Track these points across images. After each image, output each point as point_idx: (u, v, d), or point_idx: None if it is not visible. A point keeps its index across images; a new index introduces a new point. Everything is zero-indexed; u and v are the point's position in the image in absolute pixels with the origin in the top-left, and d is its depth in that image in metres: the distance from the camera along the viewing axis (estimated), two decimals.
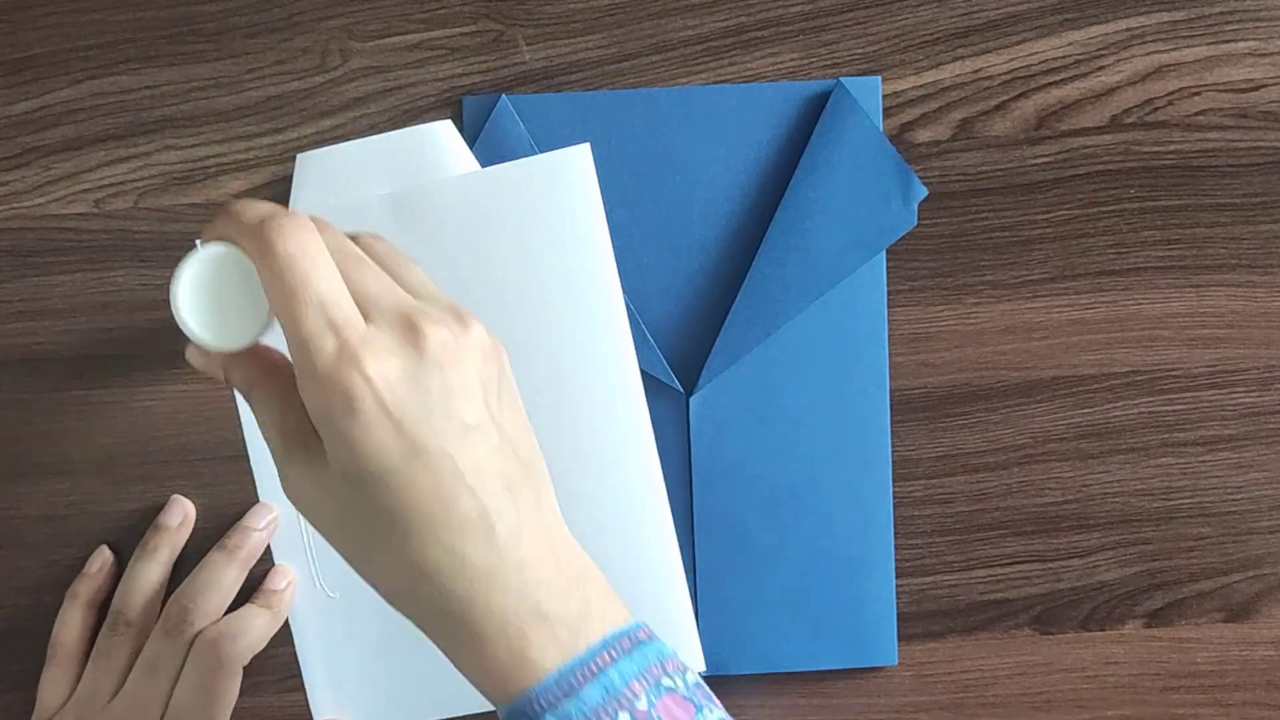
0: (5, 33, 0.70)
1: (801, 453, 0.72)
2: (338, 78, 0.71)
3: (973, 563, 0.73)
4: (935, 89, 0.71)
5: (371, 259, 0.55)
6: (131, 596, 0.70)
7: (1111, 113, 0.71)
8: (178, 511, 0.71)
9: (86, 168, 0.71)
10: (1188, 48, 0.71)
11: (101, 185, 0.71)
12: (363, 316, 0.52)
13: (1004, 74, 0.71)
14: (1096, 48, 0.71)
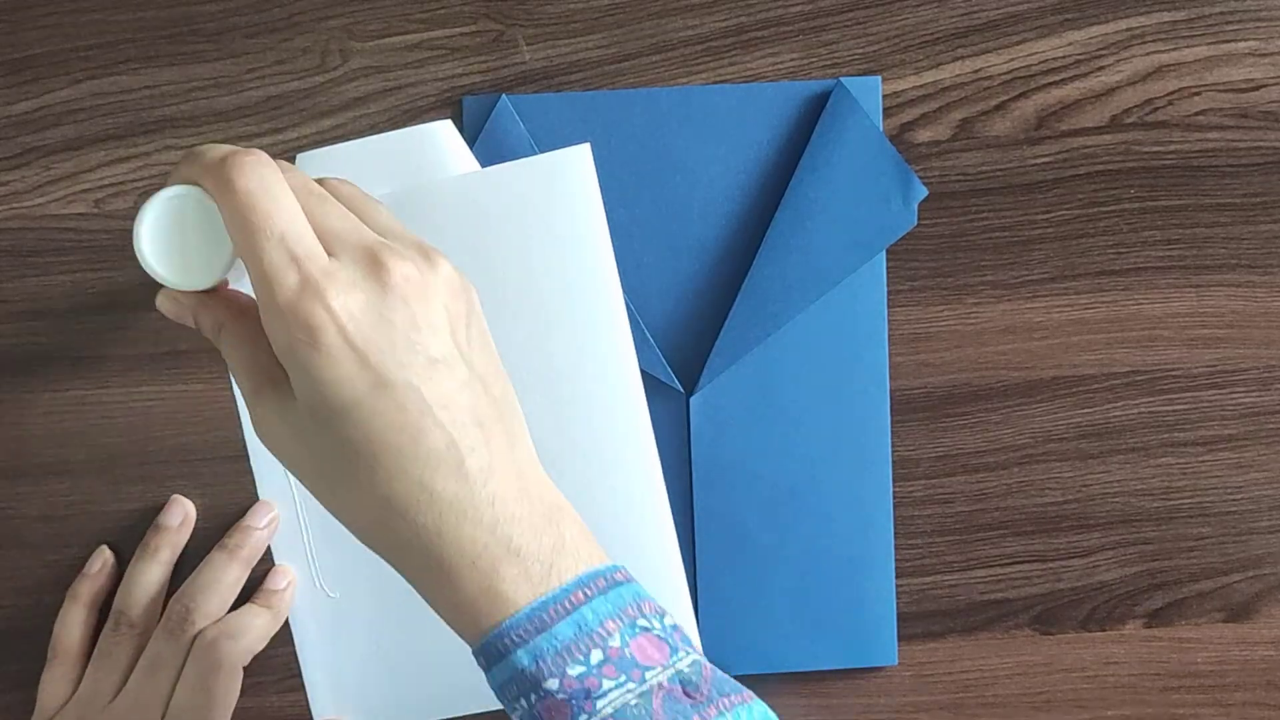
0: (5, 33, 0.70)
1: (801, 453, 0.72)
2: (338, 78, 0.71)
3: (973, 563, 0.73)
4: (935, 89, 0.71)
5: (338, 200, 0.55)
6: (133, 597, 0.70)
7: (1111, 113, 0.71)
8: (178, 511, 0.71)
9: (86, 168, 0.71)
10: (1188, 48, 0.71)
11: (101, 185, 0.71)
12: (326, 252, 0.52)
13: (1004, 74, 0.71)
14: (1096, 48, 0.71)
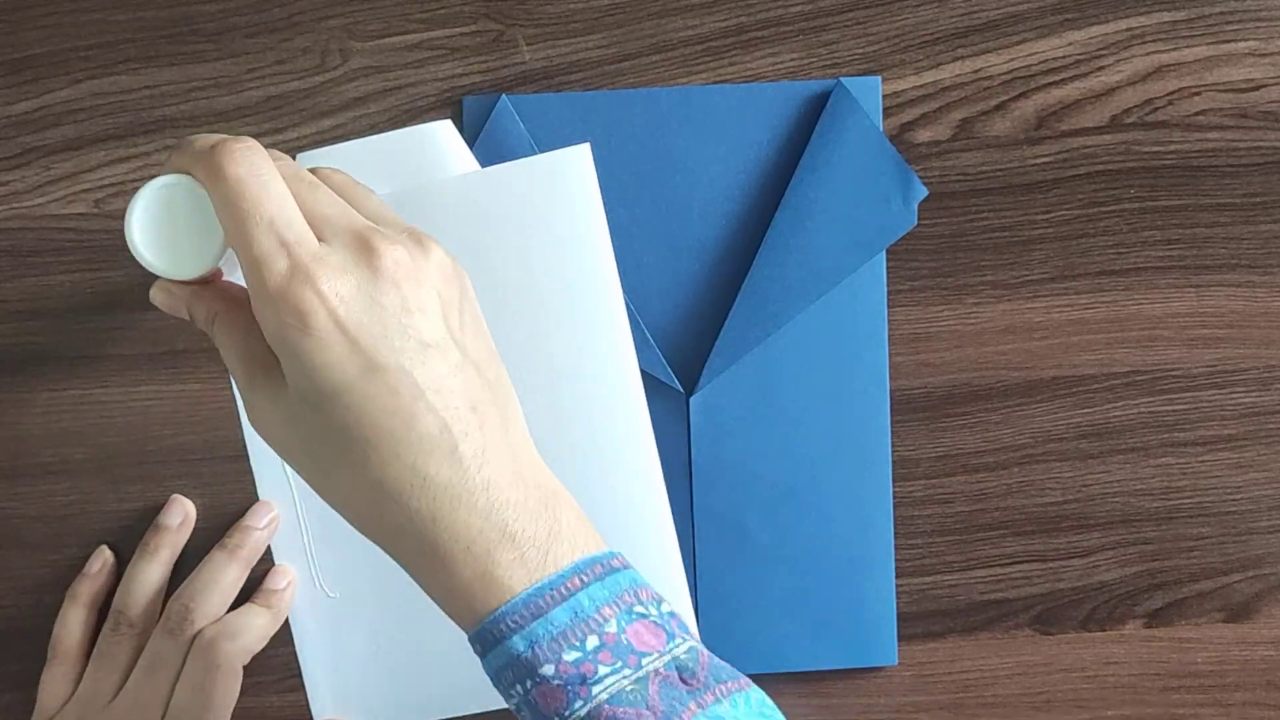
0: (5, 33, 0.70)
1: (801, 453, 0.72)
2: (338, 78, 0.71)
3: (973, 563, 0.73)
4: (935, 89, 0.71)
5: (329, 187, 0.55)
6: (132, 596, 0.70)
7: (1111, 113, 0.71)
8: (178, 511, 0.71)
9: (86, 168, 0.71)
10: (1188, 48, 0.71)
11: (101, 185, 0.71)
12: (317, 238, 0.52)
13: (1004, 74, 0.71)
14: (1096, 48, 0.71)
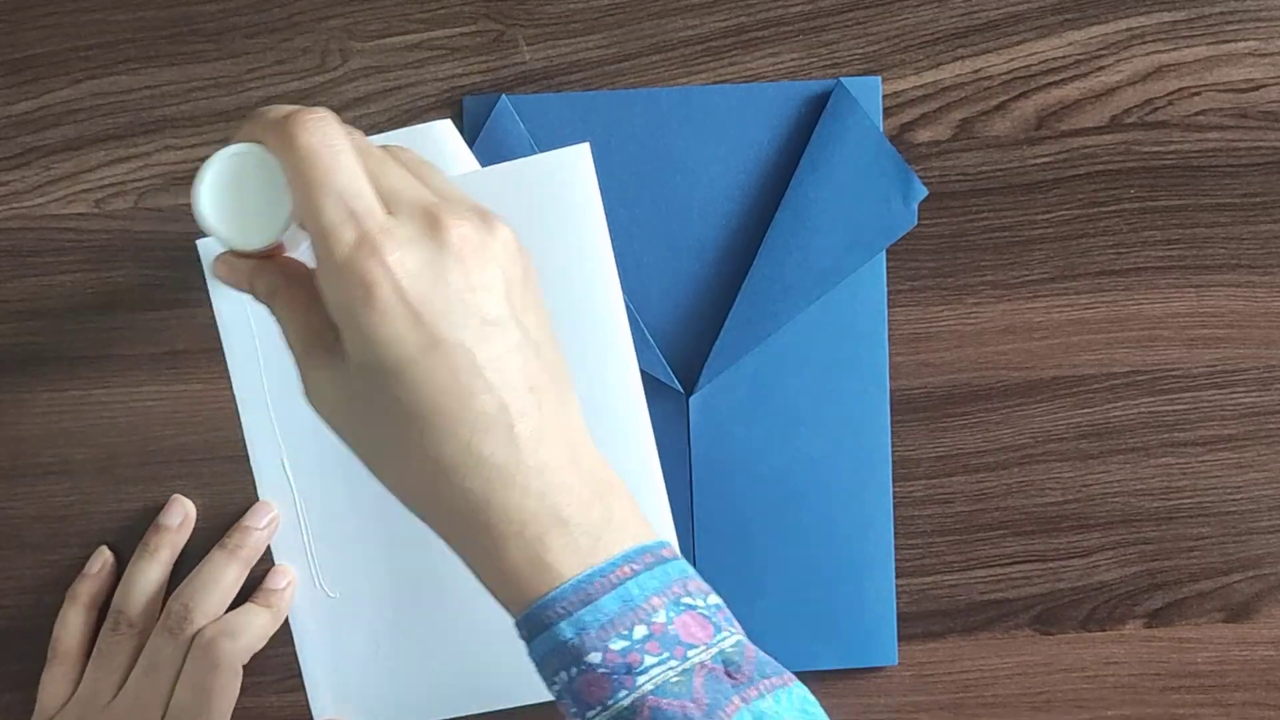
0: (5, 33, 0.70)
1: (801, 453, 0.72)
2: (338, 78, 0.71)
3: (973, 563, 0.73)
4: (935, 89, 0.71)
5: (398, 163, 0.55)
6: (132, 596, 0.70)
7: (1111, 113, 0.71)
8: (178, 511, 0.71)
9: (86, 168, 0.71)
10: (1188, 48, 0.71)
11: (101, 185, 0.71)
12: (385, 210, 0.52)
13: (1004, 74, 0.71)
14: (1096, 48, 0.71)
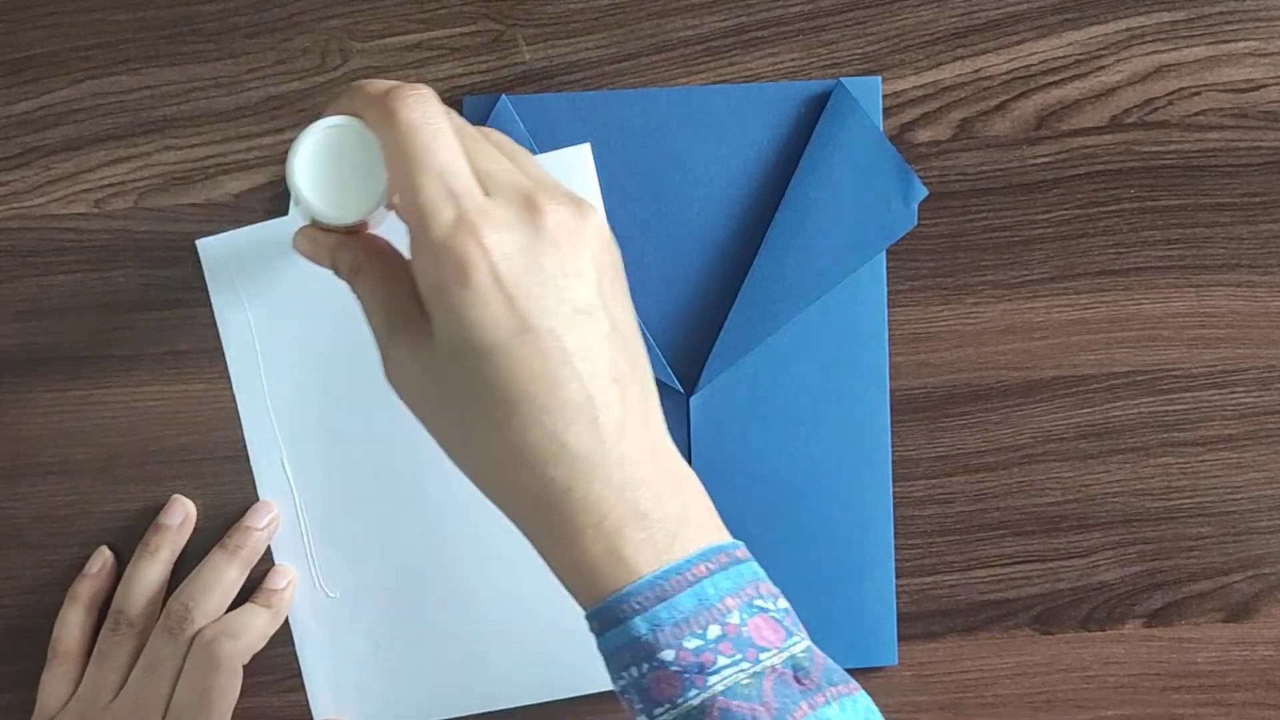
0: (5, 33, 0.70)
1: (801, 453, 0.72)
2: (338, 78, 0.71)
3: (973, 563, 0.73)
4: (935, 89, 0.71)
5: (491, 145, 0.54)
6: (132, 596, 0.70)
7: (1111, 113, 0.71)
8: (178, 511, 0.71)
9: (86, 168, 0.71)
10: (1188, 48, 0.71)
11: (101, 185, 0.71)
12: (483, 192, 0.51)
13: (1004, 74, 0.71)
14: (1096, 48, 0.71)
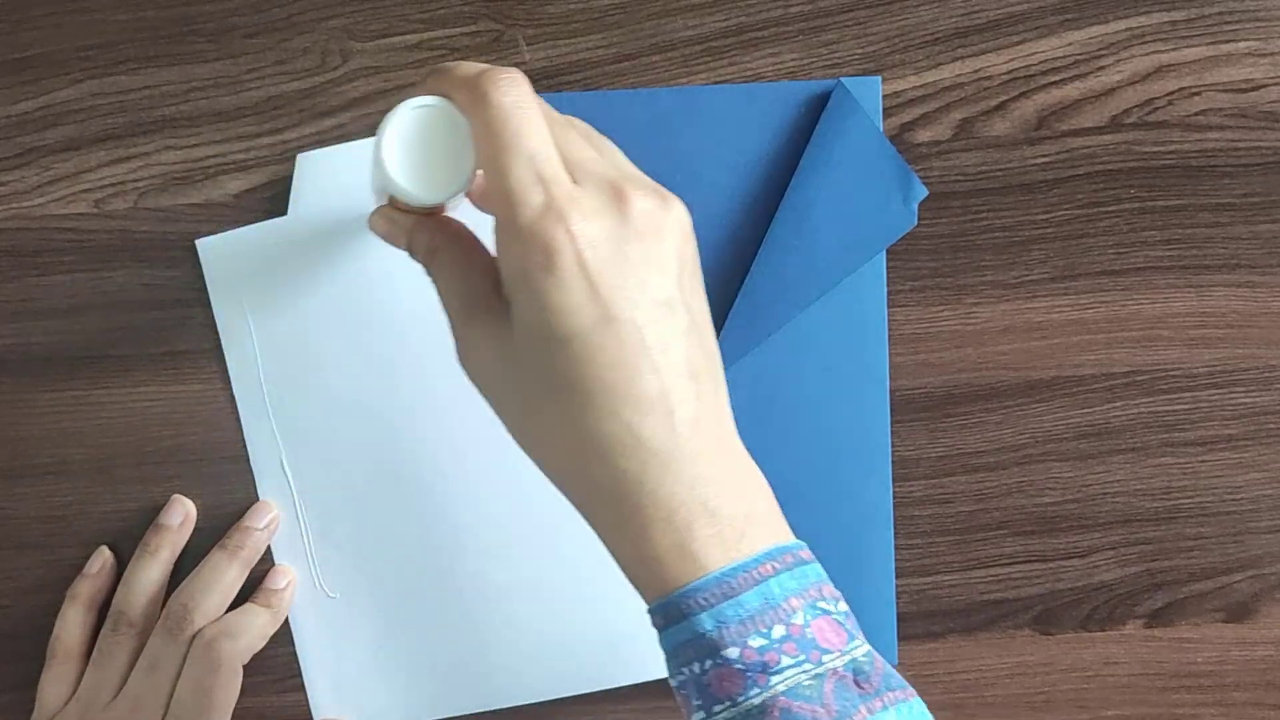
0: (5, 33, 0.70)
1: (801, 453, 0.72)
2: (338, 78, 0.71)
3: (973, 563, 0.73)
4: (935, 89, 0.71)
5: (578, 133, 0.54)
6: (132, 596, 0.70)
7: (1111, 113, 0.71)
8: (178, 511, 0.71)
9: (86, 168, 0.71)
10: (1188, 48, 0.71)
11: (101, 185, 0.71)
12: (571, 179, 0.51)
13: (1004, 74, 0.71)
14: (1096, 48, 0.71)
